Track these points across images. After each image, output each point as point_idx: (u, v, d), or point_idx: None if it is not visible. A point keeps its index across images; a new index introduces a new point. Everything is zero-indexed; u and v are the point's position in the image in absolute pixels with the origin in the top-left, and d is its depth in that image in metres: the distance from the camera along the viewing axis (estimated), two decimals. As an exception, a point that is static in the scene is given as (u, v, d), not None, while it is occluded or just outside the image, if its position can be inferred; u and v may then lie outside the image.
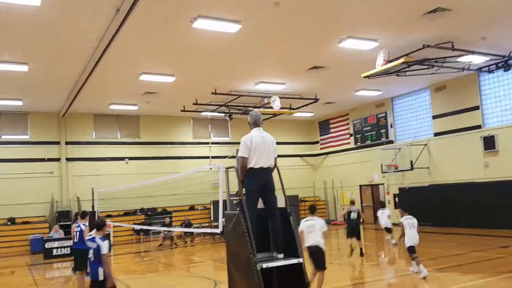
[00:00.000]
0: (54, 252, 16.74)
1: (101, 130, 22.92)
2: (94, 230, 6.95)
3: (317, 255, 7.78)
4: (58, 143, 21.78)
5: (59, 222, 19.31)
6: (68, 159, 21.87)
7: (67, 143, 21.95)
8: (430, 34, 13.29)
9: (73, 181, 21.64)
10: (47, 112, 21.41)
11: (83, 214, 10.66)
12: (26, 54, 13.29)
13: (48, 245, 16.87)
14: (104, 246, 6.73)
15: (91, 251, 6.78)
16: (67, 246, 16.61)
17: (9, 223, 19.80)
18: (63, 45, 12.70)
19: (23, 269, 14.92)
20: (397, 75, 15.96)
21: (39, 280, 12.56)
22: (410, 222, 10.50)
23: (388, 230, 15.69)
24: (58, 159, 21.69)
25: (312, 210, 8.44)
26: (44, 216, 20.83)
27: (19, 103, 18.97)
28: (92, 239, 6.85)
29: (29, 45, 12.63)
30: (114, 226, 19.80)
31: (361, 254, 13.19)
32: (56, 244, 16.91)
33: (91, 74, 14.87)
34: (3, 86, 16.44)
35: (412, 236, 10.16)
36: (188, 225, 19.96)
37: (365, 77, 15.29)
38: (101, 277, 6.66)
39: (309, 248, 7.74)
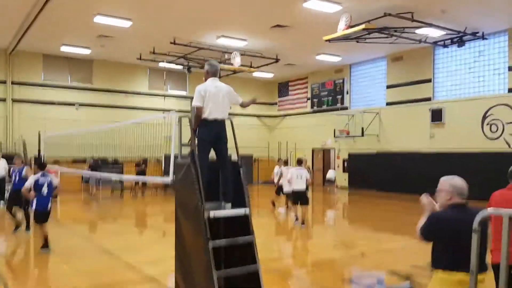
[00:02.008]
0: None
1: (51, 72, 21.77)
2: (39, 170, 8.18)
3: (302, 196, 11.19)
4: (4, 82, 20.53)
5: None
6: (14, 100, 20.74)
7: (13, 82, 20.73)
8: (392, 2, 13.43)
9: (19, 123, 20.65)
10: (-8, 48, 20.02)
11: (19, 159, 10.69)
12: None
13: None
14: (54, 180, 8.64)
15: (45, 187, 8.26)
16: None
17: None
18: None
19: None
20: (357, 42, 16.16)
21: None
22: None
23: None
24: (3, 99, 20.53)
25: (299, 162, 11.66)
26: (-14, 157, 19.88)
27: (-40, 35, 17.58)
28: (44, 175, 8.41)
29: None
30: (61, 173, 19.26)
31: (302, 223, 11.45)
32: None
33: (43, 8, 13.89)
34: None
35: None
36: (142, 172, 19.50)
37: (326, 40, 15.34)
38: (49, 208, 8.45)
39: (297, 190, 11.16)
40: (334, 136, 23.23)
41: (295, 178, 11.14)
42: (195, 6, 14.19)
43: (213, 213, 4.77)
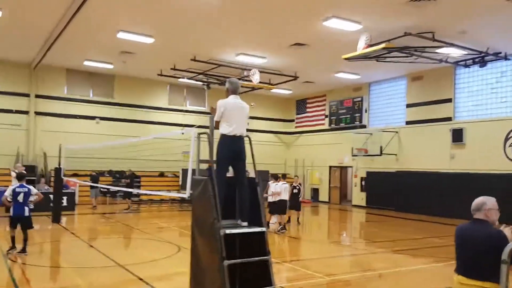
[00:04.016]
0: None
1: (73, 86, 22.29)
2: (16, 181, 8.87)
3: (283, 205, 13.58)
4: (27, 95, 21.10)
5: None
6: (37, 113, 21.25)
7: (37, 96, 21.28)
8: (413, 22, 13.39)
9: (40, 136, 21.11)
10: (18, 62, 20.60)
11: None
12: (-2, -2, 12.65)
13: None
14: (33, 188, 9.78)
15: (21, 195, 9.25)
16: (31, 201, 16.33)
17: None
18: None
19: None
20: (377, 60, 16.11)
21: (1, 233, 12.33)
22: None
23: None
24: (26, 112, 21.05)
25: (283, 177, 14.58)
26: (9, 168, 20.27)
27: (-12, 49, 18.17)
28: (22, 186, 9.42)
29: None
30: (80, 186, 19.54)
31: (283, 228, 13.48)
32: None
33: (67, 25, 14.29)
34: (-28, 30, 15.67)
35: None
36: (95, 179, 19.19)
37: (345, 59, 15.33)
38: (27, 213, 9.37)
39: (279, 200, 13.52)
40: (352, 155, 23.01)
41: (283, 191, 13.62)
42: (215, 24, 14.40)
43: (228, 231, 4.74)
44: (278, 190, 13.65)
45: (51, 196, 15.73)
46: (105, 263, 8.96)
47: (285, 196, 13.74)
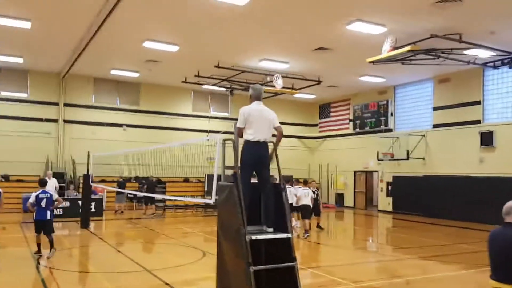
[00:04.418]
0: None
1: (101, 94, 22.83)
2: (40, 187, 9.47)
3: (307, 210, 13.73)
4: (56, 104, 21.71)
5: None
6: (65, 121, 21.84)
7: (65, 104, 21.88)
8: (439, 24, 13.16)
9: (69, 143, 21.67)
10: (48, 72, 21.25)
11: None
12: (30, 10, 13.08)
13: (41, 204, 16.97)
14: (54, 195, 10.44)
15: (44, 201, 9.74)
16: (60, 207, 16.80)
17: (2, 179, 19.86)
18: (69, 4, 12.51)
19: (15, 226, 15.08)
20: (402, 63, 15.89)
21: (29, 238, 12.69)
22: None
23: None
24: (55, 120, 21.67)
25: (305, 183, 14.93)
26: (39, 175, 20.83)
27: (20, 60, 18.78)
28: (44, 192, 9.96)
29: (34, 1, 12.43)
30: (107, 192, 19.94)
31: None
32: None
33: (94, 35, 14.69)
34: (5, 42, 16.25)
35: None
36: (122, 185, 19.51)
37: (370, 62, 15.18)
38: (48, 217, 9.84)
39: (302, 205, 13.74)
40: (378, 159, 22.69)
41: (302, 196, 13.79)
42: (238, 31, 14.52)
43: (254, 237, 4.74)
44: (293, 194, 13.92)
45: (80, 202, 16.12)
46: (132, 268, 9.10)
47: (307, 201, 13.81)
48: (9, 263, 8.88)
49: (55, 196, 10.56)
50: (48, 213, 9.91)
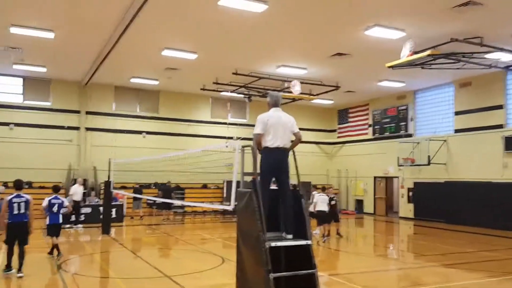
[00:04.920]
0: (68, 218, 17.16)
1: (121, 102, 23.21)
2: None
3: (324, 216, 13.88)
4: (78, 112, 22.15)
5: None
6: (87, 129, 22.25)
7: (87, 112, 22.31)
8: (459, 27, 12.97)
9: (90, 151, 22.05)
10: (70, 81, 21.72)
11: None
12: (53, 21, 13.43)
13: (62, 210, 17.23)
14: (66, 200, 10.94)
15: (56, 206, 10.32)
16: (82, 213, 17.11)
17: (26, 186, 20.26)
18: (90, 15, 12.80)
19: (36, 232, 15.31)
20: (422, 68, 15.69)
21: (51, 243, 12.93)
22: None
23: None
24: (77, 128, 22.09)
25: (323, 189, 14.77)
26: (61, 182, 21.28)
27: (43, 69, 19.27)
28: (56, 198, 10.45)
29: (57, 13, 12.75)
30: (127, 198, 20.18)
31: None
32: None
33: (114, 45, 14.97)
34: (29, 52, 16.69)
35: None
36: (138, 192, 19.77)
37: (389, 67, 15.04)
38: (60, 221, 10.48)
39: (319, 211, 13.81)
40: (398, 164, 22.40)
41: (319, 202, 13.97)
42: (256, 38, 14.59)
43: (274, 244, 4.74)
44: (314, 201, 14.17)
45: (101, 208, 16.35)
46: (151, 273, 9.17)
47: (324, 207, 13.92)
48: (33, 269, 9.06)
49: (66, 202, 11.11)
50: (60, 217, 10.55)
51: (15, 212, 8.52)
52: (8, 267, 8.46)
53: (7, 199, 8.67)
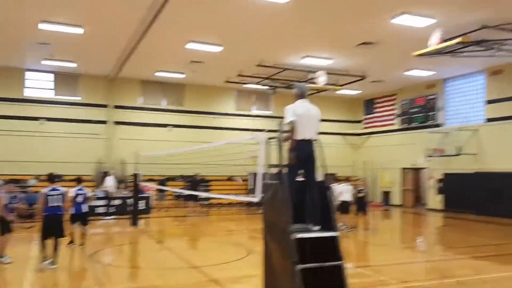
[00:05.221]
0: (98, 210, 17.60)
1: (147, 96, 23.53)
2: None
3: (345, 206, 13.68)
4: (106, 106, 22.59)
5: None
6: (115, 122, 22.69)
7: (115, 106, 22.73)
8: (491, 14, 12.54)
9: (119, 144, 22.49)
10: (98, 76, 22.15)
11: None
12: (82, 17, 13.70)
13: (92, 202, 17.71)
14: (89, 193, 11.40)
15: (80, 196, 10.67)
16: (112, 205, 17.53)
17: (56, 179, 20.85)
18: (117, 10, 12.98)
19: (66, 223, 15.78)
20: (452, 56, 15.23)
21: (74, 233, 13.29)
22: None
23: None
24: (105, 122, 22.55)
25: (346, 180, 14.57)
26: (90, 175, 21.84)
27: (73, 65, 19.73)
28: (81, 189, 10.91)
29: (85, 8, 12.99)
30: (154, 190, 20.51)
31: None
32: (100, 202, 17.77)
33: (140, 39, 15.16)
34: (59, 48, 17.10)
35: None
36: (195, 184, 19.95)
37: (417, 55, 14.69)
38: (84, 210, 10.82)
39: (341, 201, 13.61)
40: (427, 155, 21.93)
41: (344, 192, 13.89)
42: (281, 28, 14.48)
43: (300, 236, 4.72)
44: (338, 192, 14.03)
45: (129, 200, 16.70)
46: (179, 264, 9.32)
47: (346, 197, 13.89)
48: (65, 260, 9.35)
49: (90, 193, 11.68)
50: (84, 206, 10.86)
51: (51, 205, 8.66)
52: (45, 259, 8.54)
53: (43, 192, 8.80)
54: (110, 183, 17.47)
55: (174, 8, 12.40)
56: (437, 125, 22.12)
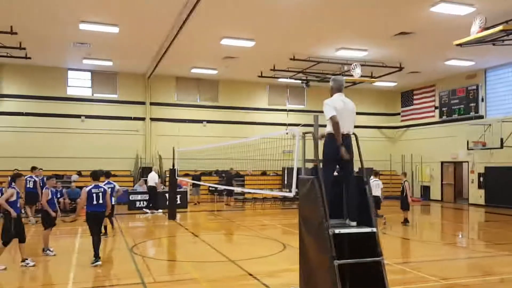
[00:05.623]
0: (137, 204, 18.10)
1: (183, 92, 23.89)
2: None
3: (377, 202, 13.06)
4: (143, 103, 23.11)
5: (143, 177, 20.70)
6: (152, 119, 23.18)
7: (151, 103, 23.21)
8: (538, -2, 11.89)
9: (155, 140, 22.98)
10: (135, 73, 22.67)
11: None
12: (117, 16, 14.03)
13: (132, 197, 18.25)
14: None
15: (109, 190, 9.59)
16: (151, 200, 17.96)
17: (101, 176, 21.54)
18: (151, 8, 13.21)
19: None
20: (493, 44, 14.60)
21: (123, 228, 13.71)
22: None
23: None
24: (143, 118, 23.07)
25: (376, 174, 14.49)
26: (130, 170, 22.45)
27: (110, 63, 20.27)
28: (109, 183, 11.23)
29: (120, 7, 13.29)
30: (190, 184, 20.84)
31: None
32: (139, 196, 18.26)
33: (175, 38, 15.39)
34: (97, 47, 17.60)
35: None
36: (230, 179, 20.06)
37: (457, 45, 14.15)
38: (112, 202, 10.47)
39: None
40: (468, 148, 21.16)
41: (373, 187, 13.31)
42: (314, 21, 14.31)
43: (338, 231, 4.67)
44: None
45: (167, 195, 17.05)
46: (216, 257, 9.44)
47: (377, 192, 13.58)
48: (108, 253, 9.66)
49: (117, 187, 12.47)
50: (113, 199, 11.35)
51: (94, 202, 8.81)
52: (97, 257, 8.56)
53: (86, 189, 8.93)
54: (154, 178, 17.90)
55: (208, 5, 12.49)
56: (479, 117, 21.29)
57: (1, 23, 14.25)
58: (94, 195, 8.84)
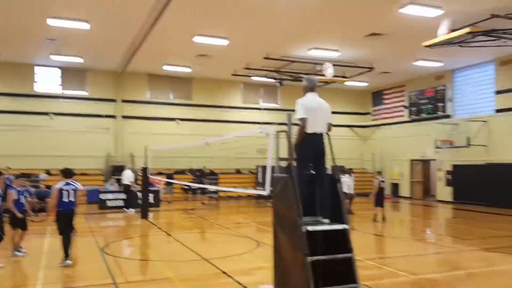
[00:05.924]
0: (108, 203, 17.77)
1: (155, 90, 23.60)
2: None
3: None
4: (114, 100, 22.71)
5: (114, 176, 20.38)
6: (123, 117, 22.80)
7: (123, 101, 22.83)
8: (500, 3, 12.38)
9: (127, 138, 22.62)
10: (105, 70, 22.24)
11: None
12: (88, 12, 13.73)
13: (102, 196, 17.92)
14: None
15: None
16: (120, 199, 17.67)
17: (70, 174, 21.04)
18: (123, 4, 13.00)
19: (79, 217, 15.96)
20: (460, 46, 15.08)
21: (94, 228, 13.46)
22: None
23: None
24: (114, 116, 22.67)
25: (347, 172, 15.67)
26: (100, 169, 22.03)
27: (80, 60, 19.80)
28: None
29: (91, 4, 13.01)
30: (163, 184, 20.64)
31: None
32: (110, 196, 17.94)
33: (147, 34, 15.18)
34: (67, 43, 17.17)
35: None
36: (203, 177, 20.12)
37: (426, 46, 14.55)
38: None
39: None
40: (436, 147, 21.79)
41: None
42: (287, 21, 14.42)
43: (311, 228, 4.74)
44: None
45: (139, 194, 16.83)
46: (190, 256, 9.39)
47: (346, 190, 14.58)
48: (78, 253, 9.47)
49: (81, 187, 11.28)
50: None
51: (65, 199, 8.58)
52: (67, 257, 8.42)
53: (57, 187, 8.68)
54: (129, 177, 17.60)
55: (181, 1, 12.37)
56: (446, 116, 21.95)
57: (-36, 17, 13.73)
58: (65, 192, 8.63)
